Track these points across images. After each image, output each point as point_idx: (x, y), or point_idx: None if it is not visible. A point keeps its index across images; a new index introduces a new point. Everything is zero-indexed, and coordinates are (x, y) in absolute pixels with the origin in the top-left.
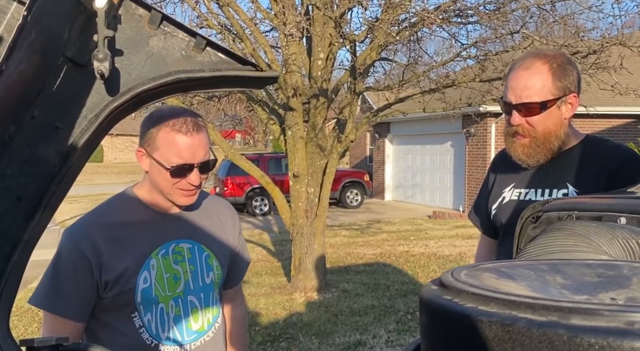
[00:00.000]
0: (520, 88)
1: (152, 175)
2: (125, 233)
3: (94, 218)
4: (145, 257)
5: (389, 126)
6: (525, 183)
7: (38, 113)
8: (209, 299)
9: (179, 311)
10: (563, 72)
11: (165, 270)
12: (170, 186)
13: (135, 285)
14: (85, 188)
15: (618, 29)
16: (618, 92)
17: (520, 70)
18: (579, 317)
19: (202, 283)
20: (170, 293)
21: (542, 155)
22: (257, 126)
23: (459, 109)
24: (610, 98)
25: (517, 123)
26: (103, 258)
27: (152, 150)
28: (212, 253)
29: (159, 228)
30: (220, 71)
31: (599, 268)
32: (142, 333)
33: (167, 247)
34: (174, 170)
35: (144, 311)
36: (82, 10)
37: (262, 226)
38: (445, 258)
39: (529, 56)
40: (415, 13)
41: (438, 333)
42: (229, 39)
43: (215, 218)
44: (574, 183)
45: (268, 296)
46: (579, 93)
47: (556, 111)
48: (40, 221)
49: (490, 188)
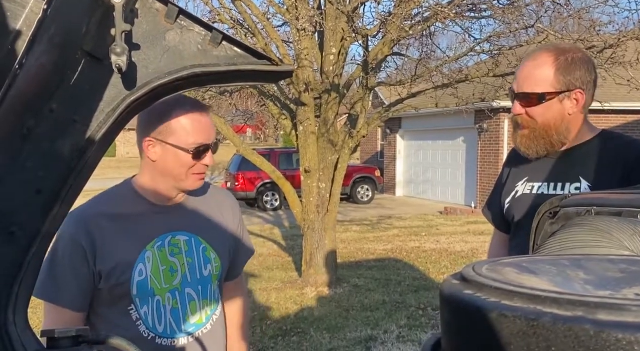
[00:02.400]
0: (523, 78)
1: (165, 163)
2: (120, 224)
3: (90, 208)
4: (141, 249)
5: (400, 122)
6: (538, 177)
7: (57, 107)
8: (207, 292)
9: (176, 303)
10: (570, 66)
11: (162, 262)
12: (186, 171)
13: (131, 277)
14: (98, 183)
15: (634, 24)
16: (635, 87)
17: (527, 61)
18: (606, 312)
19: (199, 276)
20: (166, 285)
21: (541, 148)
22: (269, 121)
23: (472, 105)
24: (626, 94)
25: (517, 113)
26: (97, 248)
27: (167, 136)
28: (209, 246)
29: (155, 221)
30: (236, 65)
31: (622, 263)
32: (139, 325)
33: (163, 239)
34: (195, 151)
35: (140, 304)
36: (100, 4)
37: (273, 221)
38: (457, 254)
39: (542, 48)
40: (429, 7)
41: (460, 329)
42: (241, 34)
43: (214, 209)
44: (587, 177)
45: (279, 291)
46: (589, 91)
47: (557, 105)
48: (57, 214)
49: (504, 183)
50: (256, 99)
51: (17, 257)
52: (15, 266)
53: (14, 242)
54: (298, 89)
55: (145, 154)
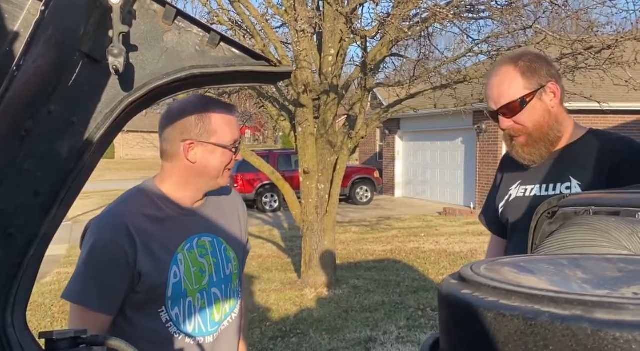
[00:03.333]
0: (496, 94)
1: (207, 163)
2: (154, 227)
3: (124, 209)
4: (174, 252)
5: (399, 122)
6: (530, 179)
7: (54, 108)
8: (229, 290)
9: (203, 303)
10: (532, 66)
11: (192, 263)
12: (223, 168)
13: (167, 280)
14: (97, 185)
15: (632, 24)
16: (632, 87)
17: (491, 79)
18: (604, 311)
19: (223, 275)
20: (197, 286)
21: (543, 149)
22: (267, 122)
23: (470, 105)
24: (624, 94)
25: (506, 127)
26: (137, 250)
27: (209, 136)
28: (229, 246)
29: (183, 223)
30: (234, 66)
31: (620, 263)
32: (170, 327)
33: (191, 241)
34: (235, 147)
35: (171, 305)
36: (98, 6)
37: (272, 222)
38: (456, 255)
39: (497, 64)
40: (427, 8)
41: (458, 328)
42: (240, 35)
43: (229, 210)
44: (576, 176)
45: (278, 292)
46: (559, 82)
47: (539, 103)
48: (56, 216)
49: (497, 188)
50: (255, 100)
51: (15, 259)
52: (13, 268)
53: (11, 244)
54: (297, 90)
55: (182, 157)
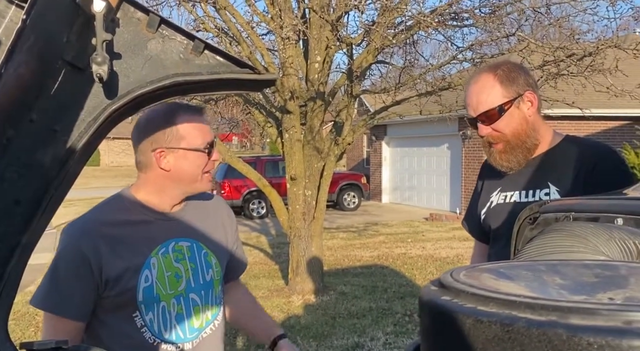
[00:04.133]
0: (475, 102)
1: (181, 169)
2: (125, 232)
3: (94, 217)
4: (146, 256)
5: (385, 128)
6: (510, 186)
7: (37, 116)
8: (209, 297)
9: (180, 309)
10: (510, 75)
11: (166, 268)
12: (201, 172)
13: (137, 284)
14: (82, 192)
15: (613, 32)
16: (614, 94)
17: (470, 87)
18: (578, 317)
19: (202, 281)
20: (172, 291)
21: (521, 156)
22: (254, 129)
23: (455, 112)
24: (606, 100)
25: (485, 134)
26: (103, 256)
27: (178, 142)
28: (210, 251)
29: (158, 228)
30: (219, 74)
31: (597, 268)
32: (144, 332)
33: (166, 245)
34: (208, 148)
35: (145, 310)
36: (81, 13)
37: (260, 229)
38: (443, 260)
39: (476, 72)
40: (411, 16)
41: (438, 334)
42: (226, 42)
43: (212, 216)
44: (554, 182)
45: (266, 299)
46: (536, 91)
47: (517, 111)
48: (38, 224)
49: (479, 195)
50: (241, 107)
51: None
52: None
53: None
54: (283, 97)
55: (156, 166)
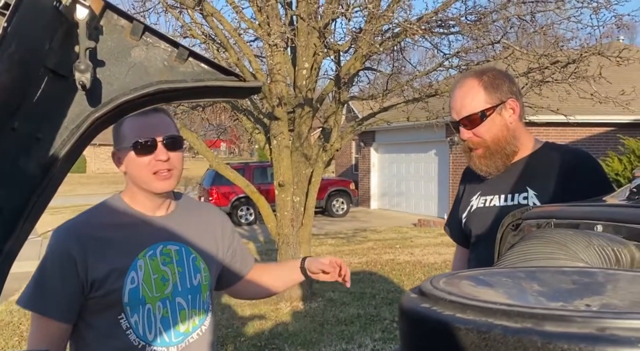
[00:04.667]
0: (458, 105)
1: (130, 170)
2: (112, 234)
3: (82, 219)
4: (133, 258)
5: (374, 135)
6: (490, 190)
7: (19, 124)
8: (197, 301)
9: (166, 312)
10: (494, 82)
11: (153, 271)
12: (147, 173)
13: (123, 285)
14: (68, 199)
15: (596, 39)
16: (597, 100)
17: (455, 91)
18: (553, 324)
19: (189, 285)
20: (157, 294)
21: (499, 162)
22: (242, 135)
23: (442, 118)
24: (591, 107)
25: (466, 138)
26: (89, 258)
27: (121, 142)
28: (199, 256)
29: (147, 230)
30: (203, 81)
31: (575, 275)
32: (129, 334)
33: (154, 248)
34: (137, 146)
35: (130, 312)
36: (63, 21)
37: (248, 235)
38: (430, 266)
39: (462, 77)
40: (398, 24)
41: (417, 341)
42: (213, 48)
43: (203, 222)
44: (533, 187)
45: (253, 307)
46: (519, 99)
47: (498, 118)
48: (21, 232)
49: (460, 199)
50: (229, 113)
51: None
52: None
53: None
54: (271, 103)
55: (118, 169)
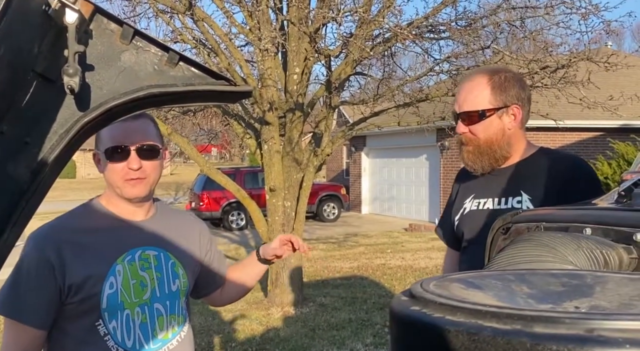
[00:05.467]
0: (462, 99)
1: (106, 173)
2: (90, 238)
3: (59, 223)
4: (111, 263)
5: (365, 139)
6: (483, 193)
7: (7, 128)
8: (175, 307)
9: (145, 318)
10: (504, 84)
11: (132, 276)
12: (120, 177)
13: (101, 290)
14: (57, 205)
15: (585, 45)
16: (586, 105)
17: (464, 83)
18: (542, 325)
19: (168, 291)
20: (136, 299)
21: (486, 162)
22: (234, 140)
23: (433, 123)
24: (580, 112)
25: (461, 132)
26: (67, 262)
27: (99, 145)
28: (178, 262)
29: (125, 235)
30: (194, 86)
31: (564, 277)
32: (108, 340)
33: (133, 253)
34: (108, 152)
35: (108, 318)
36: (52, 25)
37: (239, 240)
38: (422, 270)
39: (476, 70)
40: (389, 29)
41: (407, 344)
42: (204, 53)
43: (181, 228)
44: (527, 191)
45: (244, 312)
46: (524, 107)
47: (497, 121)
48: (8, 238)
49: (453, 201)
50: (220, 118)
51: None
52: None
53: None
54: (262, 108)
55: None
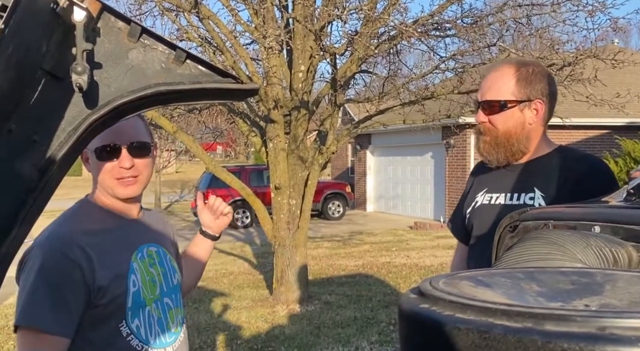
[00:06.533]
0: (486, 87)
1: (95, 174)
2: (104, 239)
3: (70, 228)
4: (129, 261)
5: (370, 137)
6: (497, 188)
7: (15, 127)
8: (178, 300)
9: (159, 313)
10: (530, 77)
11: (146, 273)
12: (110, 178)
13: (127, 289)
14: (63, 203)
15: (592, 42)
16: (593, 103)
17: (490, 72)
18: (553, 323)
19: (171, 285)
20: (151, 296)
21: (502, 155)
22: (239, 138)
23: (438, 121)
24: (586, 110)
25: (480, 121)
26: (94, 264)
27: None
28: (172, 256)
29: (131, 233)
30: (201, 83)
31: (573, 275)
32: (131, 340)
33: (141, 250)
34: (98, 151)
35: (131, 317)
36: (61, 23)
37: (244, 238)
38: (427, 268)
39: (505, 61)
40: (394, 26)
41: (417, 341)
42: (210, 51)
43: (159, 223)
44: (540, 188)
45: (250, 310)
46: (548, 103)
47: (518, 114)
48: (16, 236)
49: (467, 194)
50: (225, 116)
51: None
52: None
53: None
54: (267, 106)
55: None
